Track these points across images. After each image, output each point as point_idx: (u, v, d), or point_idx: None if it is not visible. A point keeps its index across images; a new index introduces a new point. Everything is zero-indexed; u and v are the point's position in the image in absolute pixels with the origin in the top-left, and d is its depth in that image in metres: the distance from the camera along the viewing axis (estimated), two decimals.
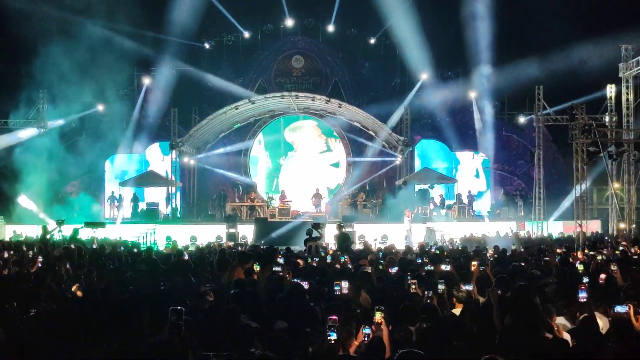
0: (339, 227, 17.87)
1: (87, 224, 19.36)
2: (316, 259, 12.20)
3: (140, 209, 28.41)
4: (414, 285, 7.52)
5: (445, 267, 9.30)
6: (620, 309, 5.97)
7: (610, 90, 25.01)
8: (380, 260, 11.88)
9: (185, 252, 12.80)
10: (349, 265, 10.94)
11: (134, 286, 8.15)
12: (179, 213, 28.47)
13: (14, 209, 26.37)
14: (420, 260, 11.50)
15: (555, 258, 11.71)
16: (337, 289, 7.19)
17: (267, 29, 31.93)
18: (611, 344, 5.66)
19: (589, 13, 26.01)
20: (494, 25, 26.48)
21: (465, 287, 7.31)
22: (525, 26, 27.94)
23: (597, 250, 13.09)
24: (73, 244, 14.50)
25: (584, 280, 7.84)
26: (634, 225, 23.22)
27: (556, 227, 25.31)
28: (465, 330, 5.97)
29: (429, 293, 6.87)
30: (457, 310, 7.08)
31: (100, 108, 29.07)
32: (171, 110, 28.07)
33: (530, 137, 28.73)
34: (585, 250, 13.89)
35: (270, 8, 31.74)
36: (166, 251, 15.74)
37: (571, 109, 20.65)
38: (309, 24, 32.05)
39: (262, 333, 5.57)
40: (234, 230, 22.90)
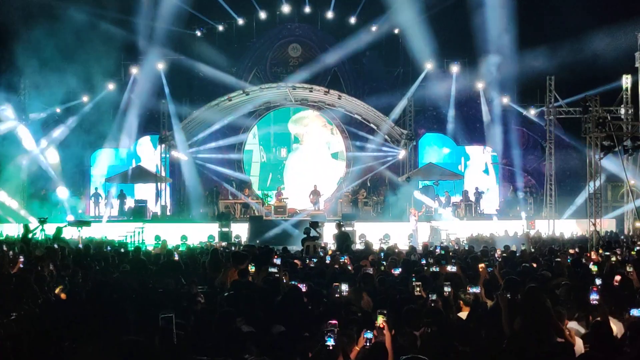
0: (339, 226, 17.90)
1: (72, 223, 19.35)
2: (314, 260, 12.22)
3: (127, 206, 28.39)
4: (419, 288, 7.54)
5: (451, 268, 9.32)
6: (636, 312, 5.99)
7: (626, 80, 24.99)
8: (382, 261, 11.90)
9: (175, 253, 12.84)
10: (349, 266, 10.96)
11: (120, 288, 8.15)
12: (168, 211, 28.45)
13: None
14: (424, 261, 11.53)
15: (567, 259, 11.74)
16: (338, 291, 7.20)
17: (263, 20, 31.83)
18: (626, 349, 5.66)
19: None
20: (503, 12, 26.38)
21: (472, 290, 7.32)
22: (536, 13, 27.91)
23: (612, 251, 13.11)
24: (56, 244, 14.50)
25: (597, 282, 7.86)
26: None
27: (568, 226, 25.33)
28: (472, 335, 5.98)
29: (433, 296, 6.88)
30: (464, 314, 7.10)
31: (85, 99, 28.98)
32: (160, 102, 28.00)
33: (541, 131, 28.74)
34: (600, 251, 13.92)
35: None
36: (155, 251, 15.76)
37: (584, 101, 20.65)
38: (307, 10, 31.96)
39: (258, 338, 5.57)
40: (227, 229, 22.89)
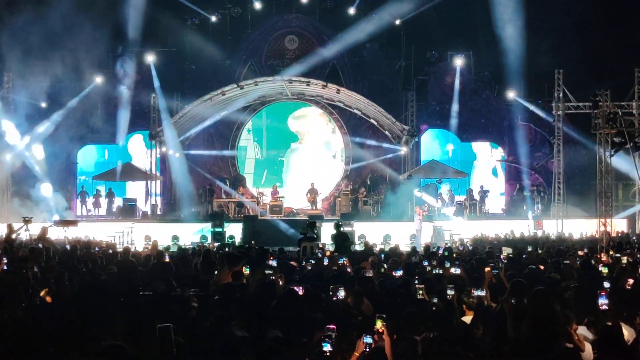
0: (337, 226, 17.86)
1: (57, 222, 19.33)
2: (312, 262, 12.21)
3: (116, 205, 28.36)
4: (422, 291, 7.53)
5: (455, 271, 9.31)
6: None
7: (638, 74, 25.04)
8: (382, 262, 11.89)
9: (166, 254, 12.80)
10: (348, 268, 10.95)
11: (108, 291, 8.14)
12: (159, 210, 28.43)
13: None
14: (426, 263, 11.53)
15: (576, 261, 11.74)
16: (336, 295, 7.20)
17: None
18: (638, 355, 5.67)
19: None
20: (510, 2, 26.38)
21: (476, 293, 7.33)
22: (544, 4, 27.89)
23: (623, 252, 13.11)
24: (41, 244, 14.47)
25: (605, 285, 7.86)
26: None
27: (577, 226, 25.35)
28: (476, 340, 5.98)
29: (434, 299, 6.87)
30: (468, 318, 7.10)
31: (71, 92, 28.85)
32: (151, 96, 27.93)
33: (549, 127, 28.76)
34: (610, 252, 13.92)
35: None
36: (145, 252, 15.74)
37: (594, 96, 20.66)
38: (304, 0, 31.85)
39: (253, 343, 5.57)
40: (220, 229, 22.88)
